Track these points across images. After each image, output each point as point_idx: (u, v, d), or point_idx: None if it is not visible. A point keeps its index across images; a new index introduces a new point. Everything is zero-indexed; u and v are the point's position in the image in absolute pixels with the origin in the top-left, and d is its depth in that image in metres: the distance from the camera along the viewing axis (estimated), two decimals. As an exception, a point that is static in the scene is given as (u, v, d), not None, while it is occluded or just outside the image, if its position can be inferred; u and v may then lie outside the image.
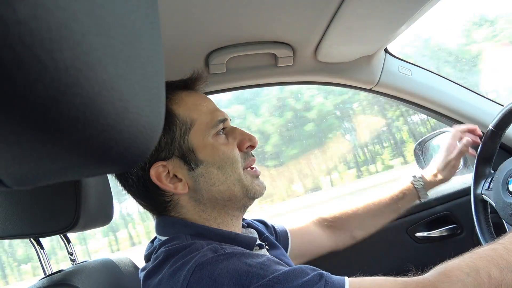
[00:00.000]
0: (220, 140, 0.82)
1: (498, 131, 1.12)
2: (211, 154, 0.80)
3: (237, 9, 0.92)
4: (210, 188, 0.80)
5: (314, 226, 1.20)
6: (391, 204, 1.19)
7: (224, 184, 0.80)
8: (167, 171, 0.79)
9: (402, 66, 1.34)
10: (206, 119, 0.81)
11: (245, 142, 0.85)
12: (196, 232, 0.78)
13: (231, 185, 0.81)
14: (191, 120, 0.80)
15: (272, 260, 0.70)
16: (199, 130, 0.80)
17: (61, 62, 0.18)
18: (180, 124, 0.79)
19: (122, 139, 0.23)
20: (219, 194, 0.81)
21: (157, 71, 0.26)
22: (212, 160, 0.80)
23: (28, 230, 0.89)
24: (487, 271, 0.70)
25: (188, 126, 0.79)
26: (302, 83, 1.38)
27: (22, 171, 0.23)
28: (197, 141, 0.79)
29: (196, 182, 0.80)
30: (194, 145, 0.79)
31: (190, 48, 1.07)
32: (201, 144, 0.79)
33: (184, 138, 0.79)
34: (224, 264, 0.65)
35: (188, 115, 0.80)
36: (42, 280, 0.86)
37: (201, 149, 0.79)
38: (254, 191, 0.84)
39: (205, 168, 0.79)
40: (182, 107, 0.80)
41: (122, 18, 0.22)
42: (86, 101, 0.20)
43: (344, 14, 0.95)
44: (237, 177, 0.81)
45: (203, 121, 0.81)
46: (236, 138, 0.85)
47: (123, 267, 1.07)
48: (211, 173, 0.80)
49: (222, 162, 0.80)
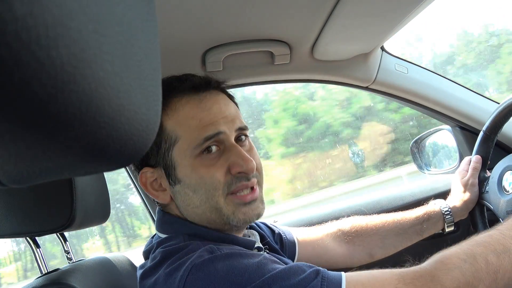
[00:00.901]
0: (204, 161, 0.76)
1: (491, 135, 1.12)
2: (188, 175, 0.76)
3: (234, 7, 0.92)
4: (186, 208, 0.79)
5: (330, 239, 1.14)
6: (415, 224, 1.13)
7: (199, 208, 0.77)
8: (154, 177, 0.79)
9: (399, 64, 1.35)
10: (192, 136, 0.75)
11: (236, 167, 0.76)
12: (194, 232, 0.78)
13: (206, 211, 0.77)
14: (176, 136, 0.76)
15: (268, 259, 0.69)
16: (182, 148, 0.76)
17: (58, 59, 0.18)
18: (165, 137, 0.77)
19: (118, 137, 0.23)
20: (196, 216, 0.79)
21: (154, 69, 0.26)
22: (189, 182, 0.76)
23: (24, 229, 0.88)
24: (484, 257, 0.70)
25: (172, 142, 0.76)
26: (298, 81, 1.38)
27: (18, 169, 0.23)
28: (178, 159, 0.76)
29: (176, 198, 0.80)
30: (175, 162, 0.76)
31: (187, 46, 1.07)
32: (182, 162, 0.76)
33: (168, 152, 0.77)
34: (220, 265, 0.65)
35: (174, 130, 0.76)
36: (39, 279, 0.86)
37: (181, 167, 0.76)
38: (237, 220, 0.77)
39: (182, 187, 0.77)
40: (171, 120, 0.77)
41: (118, 15, 0.22)
42: (82, 98, 0.20)
43: (341, 12, 0.95)
44: (213, 204, 0.76)
45: (188, 139, 0.76)
46: (229, 160, 0.77)
47: (120, 265, 1.07)
48: (186, 194, 0.77)
49: (197, 186, 0.76)
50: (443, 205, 1.14)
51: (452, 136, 1.44)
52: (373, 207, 1.45)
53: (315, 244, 1.12)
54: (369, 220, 1.17)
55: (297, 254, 1.07)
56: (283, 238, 1.07)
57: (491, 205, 1.07)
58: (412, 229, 1.13)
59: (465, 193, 1.14)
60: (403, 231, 1.13)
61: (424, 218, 1.13)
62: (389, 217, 1.16)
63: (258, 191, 0.81)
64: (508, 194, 1.01)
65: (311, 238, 1.13)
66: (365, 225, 1.16)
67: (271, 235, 1.04)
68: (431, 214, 1.13)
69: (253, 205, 0.79)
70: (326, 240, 1.13)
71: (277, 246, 1.00)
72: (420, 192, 1.47)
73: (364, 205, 1.48)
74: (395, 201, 1.47)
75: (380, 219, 1.16)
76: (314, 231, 1.17)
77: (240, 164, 0.76)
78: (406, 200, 1.45)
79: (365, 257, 1.15)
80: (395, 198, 1.48)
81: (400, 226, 1.14)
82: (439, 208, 1.14)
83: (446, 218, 1.12)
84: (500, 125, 1.10)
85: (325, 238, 1.14)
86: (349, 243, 1.14)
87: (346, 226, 1.16)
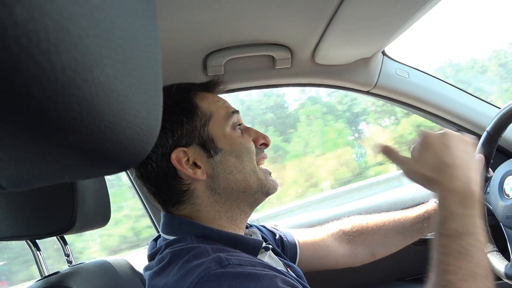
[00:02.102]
0: (237, 132, 0.86)
1: (495, 135, 1.12)
2: (229, 144, 0.83)
3: (235, 11, 0.92)
4: (227, 176, 0.82)
5: (332, 240, 1.15)
6: (416, 222, 1.13)
7: (241, 173, 0.83)
8: (187, 157, 0.81)
9: (400, 68, 1.35)
10: (223, 112, 0.86)
11: (259, 139, 0.89)
12: (202, 233, 0.78)
13: (247, 175, 0.83)
14: (211, 112, 0.84)
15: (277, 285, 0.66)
16: (218, 122, 0.84)
17: (58, 64, 0.18)
18: (201, 115, 0.83)
19: (119, 141, 0.23)
20: (235, 183, 0.82)
21: (155, 73, 0.26)
22: (230, 149, 0.83)
23: (25, 232, 0.88)
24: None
25: (208, 117, 0.84)
26: (300, 85, 1.38)
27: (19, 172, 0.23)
28: (216, 131, 0.83)
29: (214, 170, 0.82)
30: (213, 135, 0.83)
31: (188, 50, 1.07)
32: (220, 134, 0.83)
33: (204, 128, 0.83)
34: (226, 285, 0.63)
35: (208, 108, 0.85)
36: (38, 282, 0.86)
37: (220, 138, 0.83)
38: (268, 186, 0.86)
39: (223, 156, 0.82)
40: (204, 101, 0.85)
41: (119, 20, 0.22)
42: (83, 102, 0.20)
43: (342, 16, 0.96)
44: (252, 168, 0.84)
45: (221, 114, 0.85)
46: (251, 135, 0.88)
47: (120, 268, 1.07)
48: (228, 161, 0.82)
49: (240, 151, 0.83)
50: None
51: (453, 141, 1.43)
52: (374, 212, 1.44)
53: (317, 245, 1.12)
54: (370, 219, 1.18)
55: (299, 256, 1.07)
56: (284, 241, 1.07)
57: (491, 206, 1.07)
58: (413, 228, 1.13)
59: None
60: (404, 230, 1.14)
61: (424, 216, 1.14)
62: (390, 216, 1.17)
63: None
64: (508, 199, 1.01)
65: (313, 239, 1.13)
66: (366, 224, 1.16)
67: (272, 239, 1.04)
68: (431, 213, 1.13)
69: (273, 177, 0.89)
70: (328, 241, 1.14)
71: (278, 249, 1.00)
72: (421, 196, 1.47)
73: (364, 209, 1.47)
74: (396, 205, 1.47)
75: (380, 218, 1.17)
76: (315, 232, 1.17)
77: (262, 136, 0.89)
78: (406, 205, 1.45)
79: (367, 256, 1.15)
80: (396, 202, 1.48)
81: (401, 224, 1.14)
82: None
83: None
84: (504, 126, 1.10)
85: (326, 238, 1.14)
86: (351, 243, 1.15)
87: (347, 226, 1.17)
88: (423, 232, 1.14)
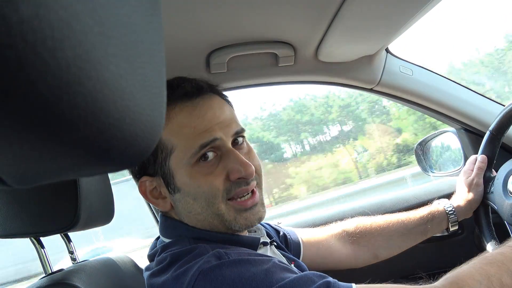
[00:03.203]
0: (201, 169, 0.76)
1: (497, 135, 1.11)
2: (187, 184, 0.76)
3: (238, 9, 0.92)
4: (188, 215, 0.79)
5: (335, 240, 1.14)
6: (420, 224, 1.13)
7: (201, 215, 0.77)
8: (154, 186, 0.80)
9: (403, 66, 1.34)
10: (187, 145, 0.75)
11: (234, 173, 0.76)
12: (198, 236, 0.78)
13: (208, 218, 0.77)
14: (172, 145, 0.76)
15: (278, 267, 0.67)
16: (179, 157, 0.76)
17: (63, 61, 0.18)
18: (161, 147, 0.76)
19: (123, 138, 0.23)
20: (198, 222, 0.79)
21: (159, 70, 0.26)
22: (188, 190, 0.76)
23: (29, 229, 0.89)
24: (498, 277, 0.69)
25: (168, 151, 0.76)
26: (303, 82, 1.38)
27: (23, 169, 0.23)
28: (176, 168, 0.76)
29: (176, 206, 0.80)
30: (173, 171, 0.76)
31: (191, 47, 1.07)
32: (179, 171, 0.76)
33: (165, 161, 0.76)
34: (228, 272, 0.64)
35: (169, 140, 0.76)
36: (43, 279, 0.86)
37: (179, 176, 0.76)
38: (239, 225, 0.78)
39: (182, 195, 0.77)
40: (166, 130, 0.75)
41: (124, 17, 0.22)
42: (87, 99, 0.20)
43: (346, 13, 0.95)
44: (214, 211, 0.76)
45: (183, 148, 0.75)
46: (227, 166, 0.76)
47: (124, 266, 1.07)
48: (187, 202, 0.77)
49: (197, 194, 0.75)
50: (447, 205, 1.14)
51: (457, 138, 1.43)
52: (377, 209, 1.45)
53: (320, 245, 1.12)
54: (374, 221, 1.17)
55: (302, 255, 1.07)
56: (288, 239, 1.06)
57: (495, 206, 1.06)
58: (416, 229, 1.13)
59: (470, 193, 1.14)
60: (408, 231, 1.13)
61: (428, 218, 1.13)
62: (393, 217, 1.16)
63: (258, 194, 0.81)
64: None
65: (316, 238, 1.13)
66: (370, 226, 1.15)
67: (276, 236, 1.04)
68: (435, 214, 1.13)
69: (254, 209, 0.79)
70: (331, 241, 1.13)
71: (282, 245, 1.00)
72: (424, 194, 1.47)
73: (368, 207, 1.47)
74: (399, 203, 1.46)
75: (384, 220, 1.16)
76: (319, 232, 1.17)
77: (238, 170, 0.75)
78: (410, 202, 1.45)
79: (370, 257, 1.15)
80: (399, 200, 1.48)
81: (405, 226, 1.13)
82: (443, 208, 1.14)
83: (450, 217, 1.12)
84: (507, 125, 1.09)
85: (329, 238, 1.14)
86: (354, 244, 1.14)
87: (351, 227, 1.16)
88: (426, 234, 1.14)
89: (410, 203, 1.44)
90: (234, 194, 0.77)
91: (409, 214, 1.16)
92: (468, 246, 1.36)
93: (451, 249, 1.40)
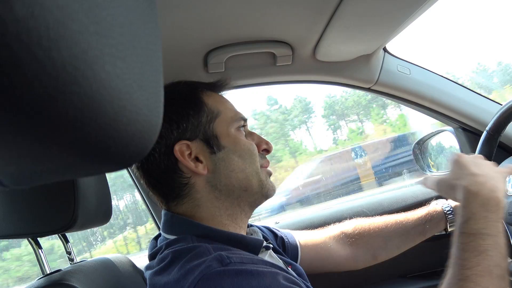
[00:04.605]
0: (241, 134, 0.87)
1: (494, 135, 1.11)
2: (233, 143, 0.84)
3: (236, 8, 0.92)
4: (229, 174, 0.82)
5: (333, 242, 1.14)
6: (418, 225, 1.12)
7: (243, 172, 0.83)
8: (190, 151, 0.81)
9: (401, 65, 1.34)
10: (231, 113, 0.87)
11: (262, 145, 0.89)
12: (202, 233, 0.78)
13: (249, 175, 0.83)
14: (218, 110, 0.85)
15: (278, 280, 0.67)
16: (224, 121, 0.84)
17: (59, 61, 0.18)
18: (207, 111, 0.84)
19: (119, 138, 0.23)
20: (236, 182, 0.82)
21: (156, 70, 0.26)
22: (234, 148, 0.83)
23: (26, 230, 0.89)
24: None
25: (214, 115, 0.84)
26: (301, 82, 1.38)
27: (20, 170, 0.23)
28: (221, 129, 0.84)
29: (216, 166, 0.82)
30: (218, 132, 0.83)
31: (188, 47, 1.07)
32: (225, 132, 0.84)
33: (210, 124, 0.83)
34: (228, 283, 0.63)
35: (215, 106, 0.85)
36: (40, 280, 0.86)
37: (225, 136, 0.83)
38: (268, 188, 0.86)
39: (226, 153, 0.83)
40: (211, 99, 0.86)
41: (120, 17, 0.22)
42: (83, 99, 0.20)
43: (343, 13, 0.95)
44: (255, 169, 0.84)
45: (228, 114, 0.86)
46: (255, 140, 0.89)
47: (121, 266, 1.07)
48: (231, 159, 0.83)
49: (243, 152, 0.84)
50: (445, 205, 1.14)
51: (455, 138, 1.43)
52: (375, 209, 1.45)
53: (318, 247, 1.11)
54: (372, 222, 1.17)
55: (300, 258, 1.07)
56: (285, 242, 1.06)
57: None
58: (414, 230, 1.13)
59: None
60: (406, 232, 1.13)
61: (426, 218, 1.13)
62: (392, 218, 1.16)
63: None
64: (510, 196, 1.00)
65: (314, 241, 1.13)
66: (368, 227, 1.15)
67: (274, 239, 1.03)
68: (433, 214, 1.13)
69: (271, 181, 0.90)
70: (329, 243, 1.13)
71: (279, 249, 1.00)
72: (422, 193, 1.47)
73: (365, 206, 1.47)
74: (397, 202, 1.47)
75: (382, 221, 1.16)
76: (317, 234, 1.16)
77: (265, 142, 0.90)
78: (408, 202, 1.45)
79: (368, 259, 1.14)
80: (397, 199, 1.48)
81: (403, 227, 1.13)
82: (441, 208, 1.13)
83: (448, 217, 1.12)
84: (504, 125, 1.09)
85: (328, 241, 1.14)
86: (352, 245, 1.14)
87: (349, 228, 1.16)
88: (425, 234, 1.13)
89: (408, 202, 1.45)
90: (262, 163, 0.88)
91: (407, 214, 1.16)
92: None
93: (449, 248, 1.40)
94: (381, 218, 1.18)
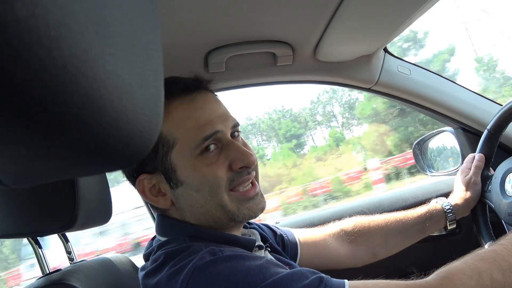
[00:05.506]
0: (204, 160, 0.76)
1: (495, 134, 1.12)
2: (190, 176, 0.76)
3: (237, 8, 0.92)
4: (190, 209, 0.79)
5: (333, 240, 1.13)
6: (418, 223, 1.13)
7: (204, 207, 0.77)
8: (153, 183, 0.78)
9: (401, 65, 1.34)
10: (190, 137, 0.76)
11: (237, 162, 0.77)
12: (194, 234, 0.78)
13: (211, 209, 0.77)
14: (173, 138, 0.76)
15: (271, 263, 0.69)
16: (181, 150, 0.76)
17: (59, 60, 0.18)
18: (162, 141, 0.76)
19: (120, 137, 0.23)
20: (201, 216, 0.79)
21: (156, 70, 0.26)
22: (191, 182, 0.76)
23: (26, 229, 0.88)
24: (489, 273, 0.70)
25: (170, 145, 0.76)
26: (301, 82, 1.38)
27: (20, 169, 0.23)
28: (178, 161, 0.76)
29: (178, 201, 0.79)
30: (175, 165, 0.76)
31: (189, 47, 1.07)
32: (182, 164, 0.76)
33: (166, 156, 0.76)
34: (222, 268, 0.64)
35: (171, 133, 0.76)
36: (40, 280, 0.86)
37: (182, 169, 0.76)
38: (242, 216, 0.79)
39: (184, 189, 0.77)
40: (167, 123, 0.76)
41: (120, 16, 0.22)
42: (84, 99, 0.20)
43: (344, 13, 0.95)
44: (217, 202, 0.76)
45: (186, 140, 0.76)
46: (229, 157, 0.78)
47: (121, 266, 1.07)
48: (190, 195, 0.77)
49: (201, 185, 0.76)
50: (445, 203, 1.14)
51: (455, 138, 1.43)
52: (375, 208, 1.45)
53: (318, 245, 1.11)
54: (372, 220, 1.17)
55: (299, 255, 1.07)
56: (285, 239, 1.06)
57: (493, 205, 1.07)
58: (414, 228, 1.13)
59: (467, 191, 1.14)
60: (406, 230, 1.13)
61: (426, 216, 1.13)
62: (392, 216, 1.16)
63: (257, 185, 0.83)
64: (510, 196, 1.00)
65: (313, 238, 1.12)
66: (368, 225, 1.15)
67: (273, 237, 1.03)
68: (433, 212, 1.13)
69: (256, 199, 0.80)
70: (329, 241, 1.13)
71: (279, 247, 1.00)
72: (422, 193, 1.47)
73: (365, 206, 1.47)
74: (397, 202, 1.46)
75: (382, 219, 1.16)
76: (316, 232, 1.16)
77: (241, 159, 0.77)
78: (408, 202, 1.45)
79: (368, 256, 1.14)
80: (397, 199, 1.48)
81: (403, 225, 1.13)
82: (440, 206, 1.14)
83: (448, 216, 1.12)
84: (505, 124, 1.09)
85: (327, 238, 1.13)
86: (352, 243, 1.14)
87: (349, 226, 1.16)
88: (425, 232, 1.14)
89: (408, 202, 1.45)
90: (237, 183, 0.78)
91: (407, 212, 1.16)
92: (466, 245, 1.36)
93: (449, 248, 1.40)
94: (380, 216, 1.18)
